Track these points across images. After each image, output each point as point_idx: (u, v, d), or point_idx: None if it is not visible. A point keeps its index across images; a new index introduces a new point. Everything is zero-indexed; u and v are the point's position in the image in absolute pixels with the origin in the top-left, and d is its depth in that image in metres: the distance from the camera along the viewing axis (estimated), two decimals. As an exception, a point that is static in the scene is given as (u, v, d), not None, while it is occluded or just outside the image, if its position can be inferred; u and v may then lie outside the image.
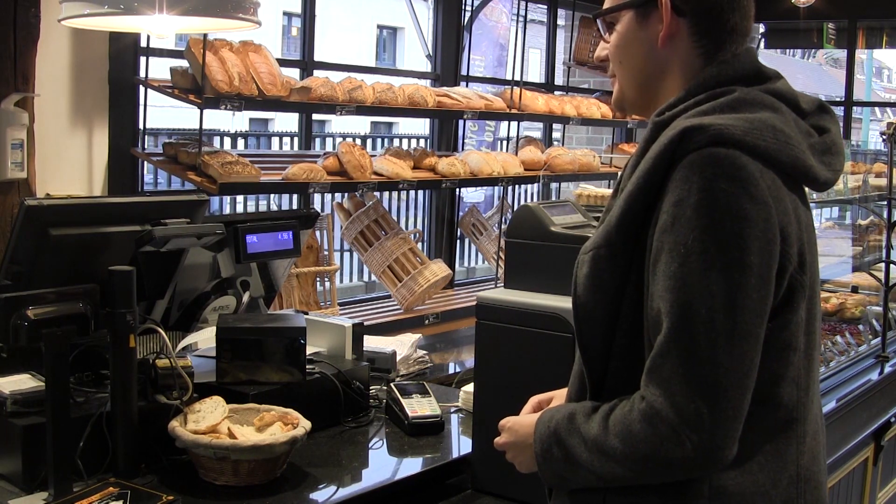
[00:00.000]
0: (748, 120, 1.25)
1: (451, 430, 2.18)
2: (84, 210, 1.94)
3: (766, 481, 1.29)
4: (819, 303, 1.38)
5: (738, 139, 1.22)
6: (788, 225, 1.26)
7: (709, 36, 1.35)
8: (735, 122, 1.24)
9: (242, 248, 2.14)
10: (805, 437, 1.34)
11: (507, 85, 5.11)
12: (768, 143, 1.24)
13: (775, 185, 1.25)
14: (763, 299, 1.23)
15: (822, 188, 1.37)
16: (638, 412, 1.24)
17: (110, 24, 2.99)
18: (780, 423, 1.31)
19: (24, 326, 1.67)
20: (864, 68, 20.79)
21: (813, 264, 1.33)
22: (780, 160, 1.25)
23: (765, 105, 1.29)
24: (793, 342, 1.30)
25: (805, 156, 1.29)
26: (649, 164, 1.27)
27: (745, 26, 1.36)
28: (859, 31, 6.92)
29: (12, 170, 3.17)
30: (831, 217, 5.57)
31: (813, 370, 1.37)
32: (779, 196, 1.25)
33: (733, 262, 1.21)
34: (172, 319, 2.11)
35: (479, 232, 5.25)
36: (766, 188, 1.22)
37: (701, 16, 1.34)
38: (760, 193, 1.22)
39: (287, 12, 15.19)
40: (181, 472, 1.81)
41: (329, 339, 2.30)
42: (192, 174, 3.55)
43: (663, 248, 1.24)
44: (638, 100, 1.42)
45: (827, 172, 1.34)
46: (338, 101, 3.97)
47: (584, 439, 1.30)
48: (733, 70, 1.33)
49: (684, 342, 1.21)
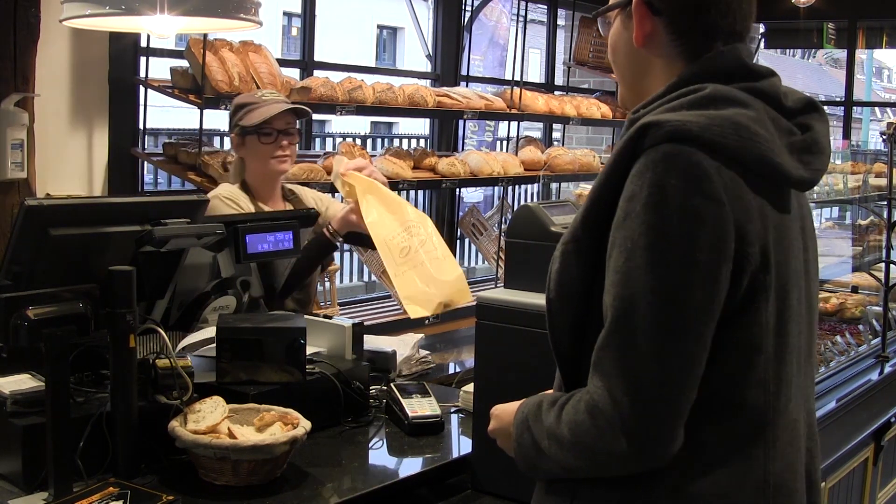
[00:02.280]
0: (710, 117, 1.24)
1: (451, 430, 2.18)
2: (84, 210, 1.94)
3: (728, 485, 1.27)
4: (794, 305, 1.33)
5: (695, 135, 1.21)
6: (748, 224, 1.23)
7: (687, 35, 1.34)
8: (695, 119, 1.23)
9: (242, 248, 2.14)
10: (776, 442, 1.31)
11: (507, 85, 5.12)
12: (728, 140, 1.22)
13: (735, 183, 1.22)
14: (710, 297, 1.21)
15: (799, 187, 1.34)
16: (583, 404, 1.25)
17: (111, 24, 2.99)
18: (746, 426, 1.29)
19: (24, 326, 1.67)
20: (864, 68, 20.80)
21: (784, 265, 1.30)
22: (742, 157, 1.23)
23: (736, 102, 1.27)
24: (758, 345, 1.27)
25: (774, 153, 1.26)
26: (612, 160, 1.28)
27: (727, 24, 1.33)
28: (859, 31, 6.92)
29: (12, 170, 3.17)
30: (831, 217, 5.57)
31: (786, 374, 1.32)
32: (738, 195, 1.22)
33: (679, 259, 1.20)
34: (172, 319, 2.11)
35: (479, 232, 5.25)
36: (721, 186, 1.21)
37: (676, 15, 1.34)
38: (713, 191, 1.20)
39: (287, 12, 15.19)
40: (181, 472, 1.81)
41: (329, 339, 2.30)
42: (192, 174, 3.55)
43: (615, 244, 1.24)
44: (633, 98, 1.42)
45: (803, 171, 1.30)
46: (338, 101, 3.97)
47: (545, 427, 1.31)
48: (714, 67, 1.32)
49: (623, 336, 1.22)
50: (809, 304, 1.40)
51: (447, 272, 1.86)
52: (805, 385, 1.40)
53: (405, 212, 2.04)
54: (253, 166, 2.92)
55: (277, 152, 2.88)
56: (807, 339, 1.40)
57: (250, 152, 2.91)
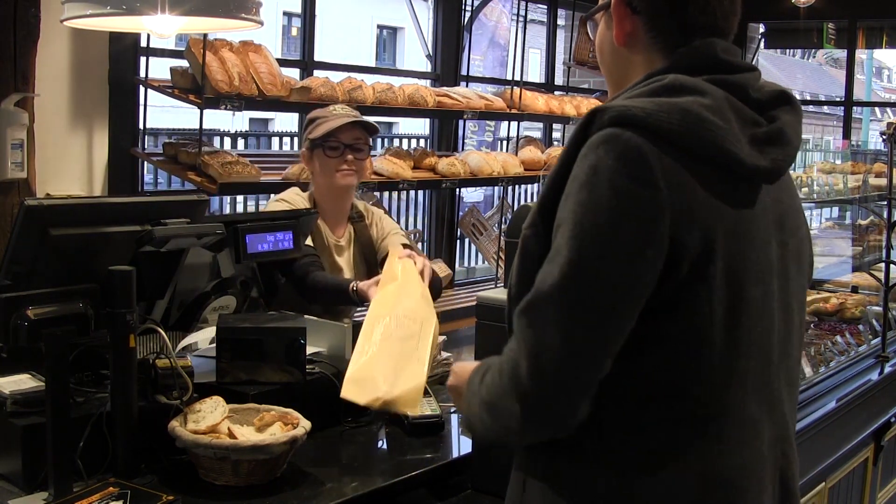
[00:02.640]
0: (659, 103, 1.24)
1: (451, 430, 2.18)
2: (84, 210, 1.94)
3: (665, 472, 1.27)
4: (755, 300, 1.30)
5: (638, 120, 1.22)
6: (690, 211, 1.22)
7: (666, 32, 1.35)
8: (642, 105, 1.24)
9: (242, 248, 2.14)
10: (726, 439, 1.29)
11: (507, 85, 5.12)
12: (673, 126, 1.22)
13: (676, 169, 1.22)
14: (628, 278, 1.21)
15: (758, 177, 1.30)
16: (497, 363, 1.30)
17: (111, 24, 2.99)
18: (687, 417, 1.28)
19: (24, 326, 1.67)
20: (864, 68, 20.79)
21: (740, 258, 1.27)
22: (687, 143, 1.23)
23: (694, 91, 1.27)
24: (702, 337, 1.26)
25: (725, 141, 1.24)
26: (565, 147, 1.30)
27: (706, 21, 1.34)
28: (859, 31, 6.92)
29: (12, 170, 3.17)
30: (831, 217, 5.57)
31: (739, 370, 1.29)
32: (679, 181, 1.22)
33: (600, 236, 1.20)
34: (172, 319, 2.11)
35: (479, 232, 5.25)
36: (658, 170, 1.21)
37: (654, 13, 1.35)
38: (647, 174, 1.20)
39: (287, 12, 15.19)
40: (181, 472, 1.81)
41: (329, 339, 2.30)
42: (192, 174, 3.55)
43: (557, 225, 1.26)
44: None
45: (760, 160, 1.28)
46: (338, 101, 3.97)
47: (475, 387, 1.35)
48: (685, 61, 1.32)
49: (537, 304, 1.24)
50: (786, 303, 1.37)
51: (410, 376, 1.76)
52: (776, 386, 1.37)
53: (414, 306, 1.93)
54: (319, 181, 2.90)
55: (342, 166, 2.85)
56: (782, 338, 1.37)
57: (317, 166, 2.88)
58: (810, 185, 3.88)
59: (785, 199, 1.39)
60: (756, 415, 1.33)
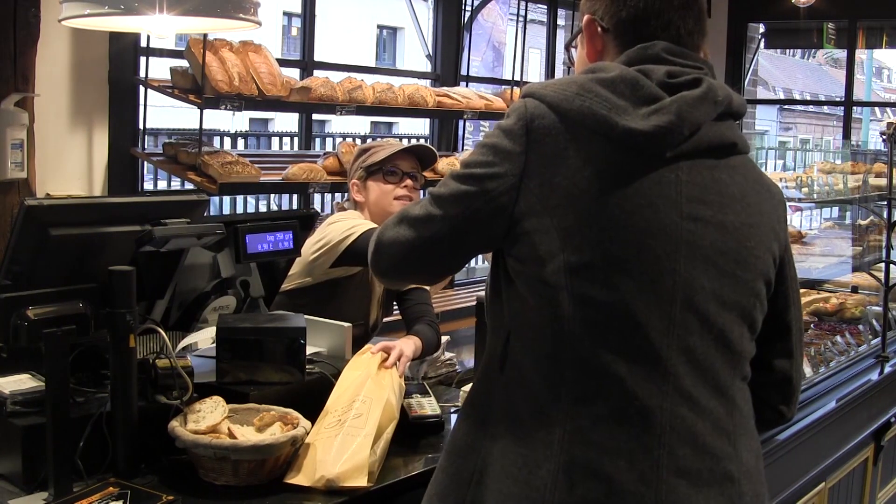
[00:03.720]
0: (561, 81, 1.38)
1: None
2: (84, 210, 1.94)
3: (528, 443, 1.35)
4: (642, 275, 1.32)
5: (533, 91, 1.38)
6: (547, 167, 1.33)
7: (630, 45, 1.44)
8: (546, 83, 1.39)
9: (242, 248, 2.14)
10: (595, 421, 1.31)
11: (507, 85, 5.11)
12: (556, 94, 1.35)
13: (555, 133, 1.33)
14: (467, 198, 1.37)
15: (632, 138, 1.33)
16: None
17: (111, 24, 2.99)
18: (541, 383, 1.35)
19: (24, 326, 1.67)
20: (864, 68, 20.78)
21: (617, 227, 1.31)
22: (565, 108, 1.34)
23: (602, 69, 1.38)
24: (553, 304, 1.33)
25: (601, 107, 1.33)
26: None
27: (667, 36, 1.43)
28: (859, 31, 6.92)
29: (12, 170, 3.17)
30: (831, 217, 5.57)
31: (604, 352, 1.32)
32: (545, 138, 1.33)
33: (462, 167, 1.40)
34: (172, 319, 2.11)
35: (479, 232, 5.24)
36: (524, 126, 1.35)
37: (620, 30, 1.46)
38: (513, 127, 1.36)
39: (287, 12, 15.18)
40: (181, 472, 1.81)
41: (329, 339, 2.30)
42: (192, 174, 3.55)
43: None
44: None
45: (639, 123, 1.33)
46: (338, 101, 3.97)
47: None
48: (629, 56, 1.42)
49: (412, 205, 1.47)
50: (690, 279, 1.35)
51: (355, 450, 1.76)
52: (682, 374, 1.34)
53: (371, 387, 1.97)
54: (372, 209, 2.79)
55: (399, 191, 2.77)
56: (699, 328, 1.35)
57: (372, 193, 2.78)
58: (810, 185, 3.88)
59: (725, 181, 1.40)
60: (647, 401, 1.32)
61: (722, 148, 1.41)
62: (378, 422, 1.85)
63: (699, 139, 1.37)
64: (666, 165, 1.35)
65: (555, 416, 1.33)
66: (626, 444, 1.32)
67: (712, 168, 1.39)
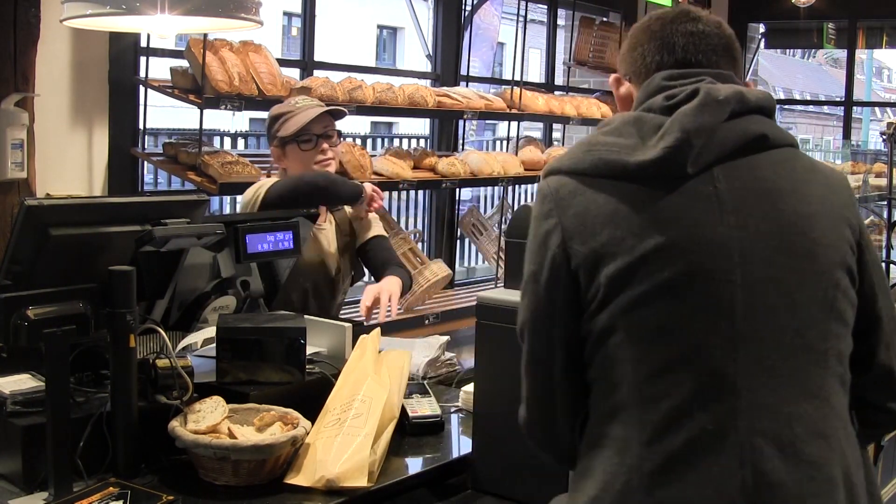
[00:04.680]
0: (571, 149, 1.43)
1: (451, 430, 2.18)
2: (84, 210, 1.94)
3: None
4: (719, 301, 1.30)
5: (550, 169, 1.43)
6: (584, 225, 1.35)
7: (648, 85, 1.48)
8: (559, 157, 1.44)
9: (242, 248, 2.14)
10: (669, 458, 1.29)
11: (507, 85, 5.12)
12: (569, 161, 1.40)
13: (579, 191, 1.37)
14: (542, 300, 1.40)
15: (647, 170, 1.34)
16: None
17: (111, 24, 2.99)
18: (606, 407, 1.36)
19: (24, 326, 1.67)
20: (864, 68, 20.78)
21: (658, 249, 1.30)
22: (581, 168, 1.38)
23: (605, 124, 1.44)
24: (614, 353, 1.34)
25: (611, 153, 1.36)
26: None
27: (678, 59, 1.47)
28: (859, 31, 6.92)
29: (12, 170, 3.17)
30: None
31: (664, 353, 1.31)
32: (571, 202, 1.37)
33: (525, 273, 1.43)
34: (172, 319, 2.11)
35: (479, 232, 5.25)
36: (552, 199, 1.39)
37: (637, 72, 1.51)
38: (543, 207, 1.40)
39: (287, 12, 15.19)
40: (181, 472, 1.81)
41: (329, 339, 2.30)
42: (192, 174, 3.55)
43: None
44: None
45: (649, 154, 1.34)
46: (338, 101, 3.97)
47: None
48: (640, 97, 1.47)
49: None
50: (749, 283, 1.31)
51: (354, 450, 1.76)
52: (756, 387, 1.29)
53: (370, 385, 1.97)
54: (297, 173, 2.89)
55: (319, 157, 2.87)
56: (770, 334, 1.31)
57: (292, 162, 2.89)
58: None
59: (770, 177, 1.37)
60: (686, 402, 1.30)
61: (750, 143, 1.37)
62: (378, 422, 1.85)
63: (720, 142, 1.35)
64: (698, 180, 1.33)
65: (629, 462, 1.31)
66: (706, 472, 1.27)
67: (751, 167, 1.36)
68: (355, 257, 3.06)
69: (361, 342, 2.09)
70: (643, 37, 1.50)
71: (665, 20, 1.49)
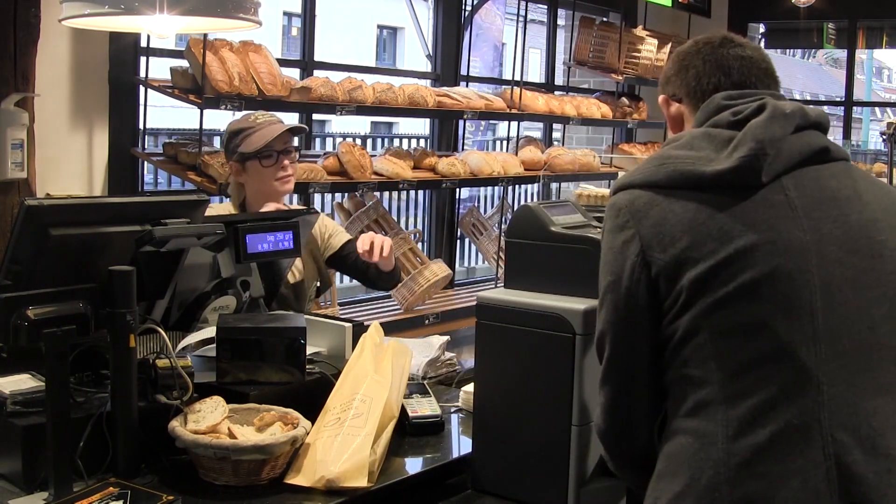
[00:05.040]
0: (639, 166, 1.49)
1: (451, 430, 2.18)
2: (84, 210, 1.94)
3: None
4: (800, 300, 1.35)
5: (620, 184, 1.49)
6: (662, 233, 1.41)
7: (704, 101, 1.54)
8: (626, 174, 1.50)
9: (242, 248, 2.14)
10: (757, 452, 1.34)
11: (507, 85, 5.12)
12: (641, 175, 1.46)
13: (654, 202, 1.43)
14: (620, 312, 1.45)
15: (723, 179, 1.41)
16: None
17: (111, 24, 2.99)
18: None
19: (24, 326, 1.67)
20: (864, 68, 20.79)
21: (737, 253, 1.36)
22: (655, 181, 1.45)
23: (675, 140, 1.50)
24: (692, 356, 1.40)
25: (685, 165, 1.43)
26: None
27: (732, 82, 1.55)
28: (859, 31, 6.92)
29: (12, 170, 3.17)
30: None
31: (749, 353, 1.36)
32: (648, 213, 1.43)
33: (602, 285, 1.49)
34: (172, 319, 2.11)
35: (479, 232, 5.25)
36: (627, 211, 1.45)
37: (689, 94, 1.59)
38: (617, 220, 1.46)
39: (287, 12, 15.18)
40: (181, 472, 1.81)
41: (329, 339, 2.30)
42: (192, 174, 3.55)
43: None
44: None
45: (726, 163, 1.41)
46: (338, 101, 3.97)
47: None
48: (699, 118, 1.53)
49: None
50: (826, 284, 1.38)
51: (354, 450, 1.77)
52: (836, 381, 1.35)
53: (370, 385, 1.97)
54: (256, 189, 2.89)
55: (280, 174, 2.87)
56: (847, 332, 1.36)
57: (252, 177, 2.88)
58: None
59: (834, 186, 1.45)
60: (772, 398, 1.35)
61: (815, 155, 1.45)
62: (378, 421, 1.85)
63: (788, 153, 1.42)
64: (768, 190, 1.41)
65: (716, 457, 1.36)
66: (792, 465, 1.33)
67: (816, 178, 1.44)
68: (322, 265, 3.06)
69: (362, 340, 2.10)
70: (694, 60, 1.59)
71: (713, 45, 1.58)
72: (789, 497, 1.32)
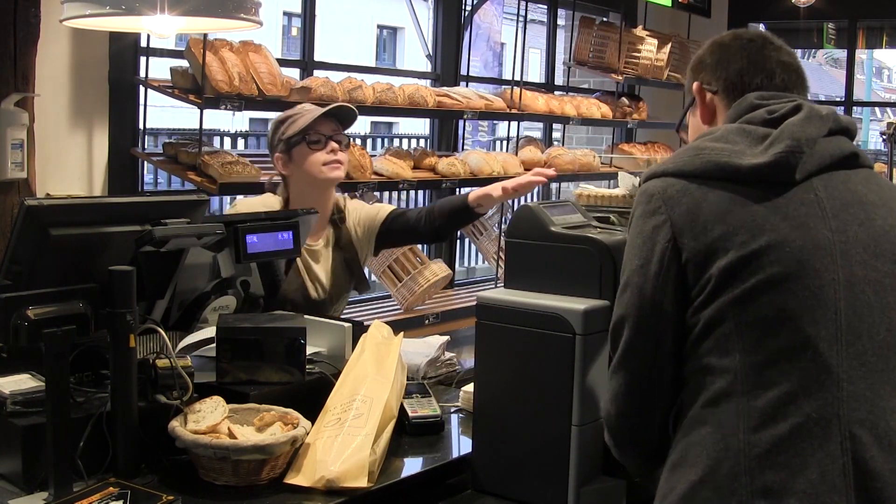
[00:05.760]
0: (673, 155, 1.51)
1: (451, 430, 2.18)
2: (84, 210, 1.94)
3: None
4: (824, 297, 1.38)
5: (652, 172, 1.50)
6: (694, 221, 1.42)
7: (739, 97, 1.57)
8: (659, 163, 1.51)
9: (242, 248, 2.14)
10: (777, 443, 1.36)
11: (507, 85, 5.12)
12: (675, 164, 1.48)
13: (688, 190, 1.44)
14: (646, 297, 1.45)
15: (758, 173, 1.43)
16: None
17: (111, 24, 2.99)
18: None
19: (24, 326, 1.67)
20: (864, 68, 20.79)
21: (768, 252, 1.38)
22: (689, 170, 1.46)
23: (709, 133, 1.52)
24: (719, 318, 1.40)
25: (721, 157, 1.44)
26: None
27: (776, 84, 1.57)
28: (859, 31, 6.92)
29: (12, 170, 3.17)
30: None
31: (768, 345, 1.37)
32: (681, 200, 1.44)
33: (628, 268, 1.49)
34: (172, 319, 2.11)
35: (479, 232, 5.24)
36: (659, 198, 1.46)
37: (728, 87, 1.59)
38: (648, 206, 1.47)
39: (287, 12, 15.18)
40: (181, 472, 1.81)
41: (329, 339, 2.30)
42: (192, 174, 3.55)
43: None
44: None
45: (761, 158, 1.43)
46: (338, 101, 3.97)
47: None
48: (731, 115, 1.55)
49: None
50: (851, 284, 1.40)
51: (354, 450, 1.77)
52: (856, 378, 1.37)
53: (371, 385, 1.94)
54: (301, 179, 2.72)
55: (329, 157, 2.69)
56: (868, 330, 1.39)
57: (299, 165, 2.71)
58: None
59: (862, 190, 1.47)
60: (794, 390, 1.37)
61: (845, 159, 1.49)
62: (378, 422, 1.85)
63: (821, 155, 1.45)
64: (800, 188, 1.44)
65: (735, 447, 1.37)
66: (811, 457, 1.35)
67: (845, 181, 1.47)
68: (358, 270, 2.91)
69: (362, 340, 2.10)
70: (737, 56, 1.60)
71: (756, 44, 1.60)
72: (807, 488, 1.34)
